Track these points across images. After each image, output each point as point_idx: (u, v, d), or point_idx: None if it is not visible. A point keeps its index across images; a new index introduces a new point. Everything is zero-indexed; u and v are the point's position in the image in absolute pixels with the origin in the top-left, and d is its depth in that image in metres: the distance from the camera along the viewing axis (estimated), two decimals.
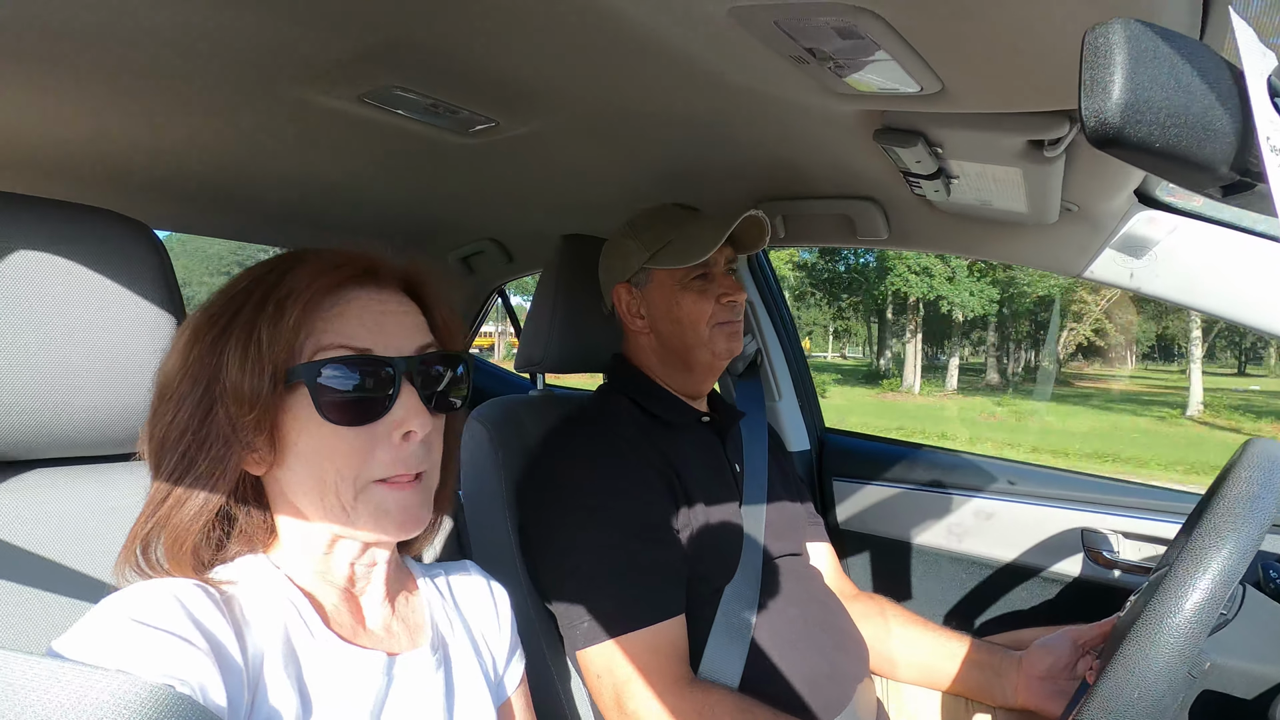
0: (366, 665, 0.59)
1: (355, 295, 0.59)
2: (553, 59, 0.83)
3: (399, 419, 0.57)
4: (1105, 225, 1.04)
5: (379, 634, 0.63)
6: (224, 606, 0.53)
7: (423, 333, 0.62)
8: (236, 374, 0.53)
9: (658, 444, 1.03)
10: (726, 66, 0.74)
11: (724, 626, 0.98)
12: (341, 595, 0.62)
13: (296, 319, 0.55)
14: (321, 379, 0.54)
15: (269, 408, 0.54)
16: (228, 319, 0.55)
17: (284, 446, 0.56)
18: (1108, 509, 1.33)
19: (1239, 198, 0.46)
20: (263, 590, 0.57)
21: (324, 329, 0.56)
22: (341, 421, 0.55)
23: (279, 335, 0.54)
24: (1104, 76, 0.35)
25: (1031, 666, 1.03)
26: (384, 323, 0.58)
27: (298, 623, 0.57)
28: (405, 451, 0.57)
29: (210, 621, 0.51)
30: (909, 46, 0.56)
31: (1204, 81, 0.39)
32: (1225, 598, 0.60)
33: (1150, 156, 0.38)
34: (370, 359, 0.56)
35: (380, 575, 0.64)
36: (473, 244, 1.96)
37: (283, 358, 0.54)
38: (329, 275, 0.57)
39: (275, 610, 0.56)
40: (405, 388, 0.57)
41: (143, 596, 0.50)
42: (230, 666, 0.50)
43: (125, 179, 1.22)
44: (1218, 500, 0.63)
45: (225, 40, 0.78)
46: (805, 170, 1.16)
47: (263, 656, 0.54)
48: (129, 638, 0.47)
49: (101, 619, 0.48)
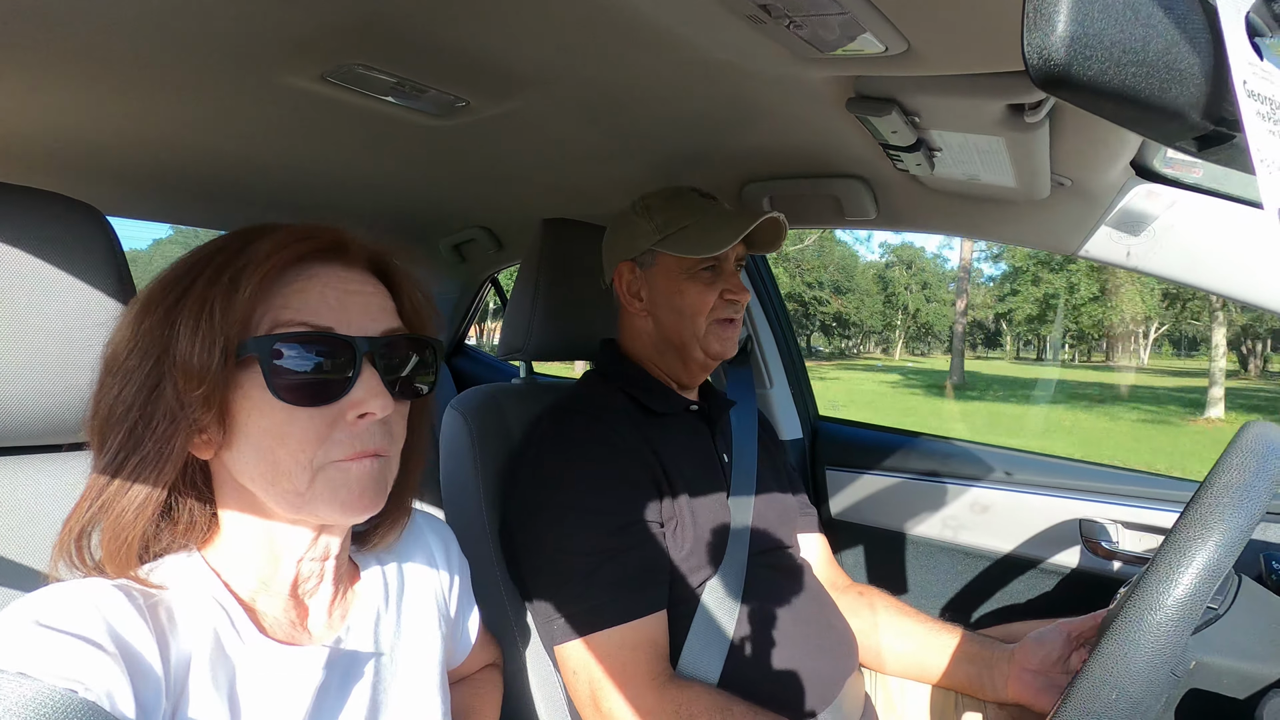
0: (302, 662, 0.56)
1: (319, 272, 0.56)
2: (521, 35, 0.80)
3: (357, 399, 0.54)
4: (1100, 200, 1.00)
5: (320, 631, 0.61)
6: (147, 612, 0.50)
7: (389, 316, 0.59)
8: (186, 346, 0.50)
9: (645, 435, 1.00)
10: (688, 31, 0.70)
11: (705, 622, 0.95)
12: (284, 598, 0.59)
13: (253, 291, 0.52)
14: (276, 357, 0.51)
15: (219, 384, 0.51)
16: (182, 290, 0.52)
17: (234, 427, 0.53)
18: (1107, 498, 1.29)
19: (1216, 151, 0.42)
20: (191, 594, 0.54)
21: (283, 305, 0.53)
22: (296, 402, 0.52)
23: (233, 307, 0.51)
24: (1048, 6, 0.31)
25: (1023, 660, 0.99)
26: (348, 302, 0.56)
27: (228, 628, 0.54)
28: (361, 428, 0.55)
29: (127, 627, 0.48)
30: (867, 2, 0.52)
31: (1167, 15, 0.35)
32: (1209, 593, 0.56)
33: (1105, 99, 0.34)
34: (330, 337, 0.53)
35: (330, 573, 0.62)
36: (463, 232, 1.93)
37: (236, 330, 0.51)
38: (291, 248, 0.54)
39: (204, 616, 0.54)
40: (366, 369, 0.54)
41: (54, 599, 0.48)
42: (145, 674, 0.48)
43: (79, 163, 1.20)
44: (1206, 489, 0.59)
45: (179, 19, 0.75)
46: (789, 149, 1.12)
47: (188, 664, 0.51)
48: (33, 641, 0.44)
49: (6, 622, 0.46)
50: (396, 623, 0.67)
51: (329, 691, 0.58)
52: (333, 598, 0.63)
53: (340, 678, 0.59)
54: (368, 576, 0.67)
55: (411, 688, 0.65)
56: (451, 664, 0.79)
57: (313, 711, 0.56)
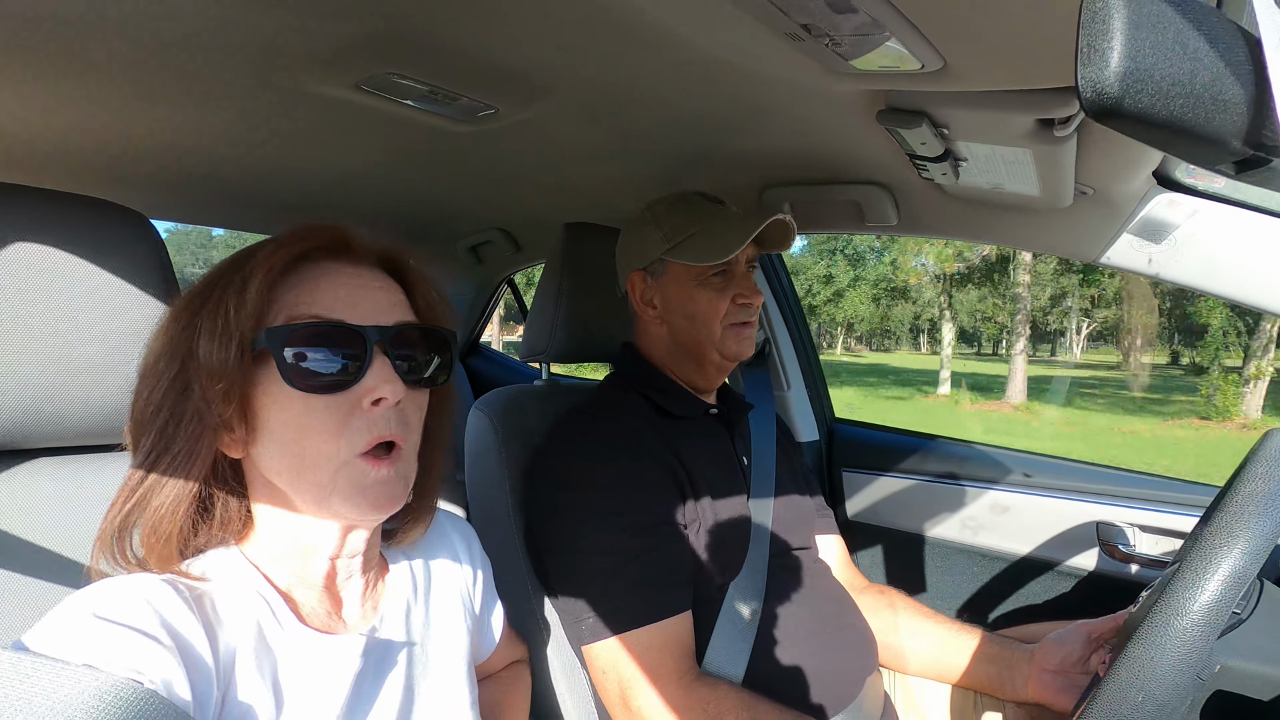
0: (342, 650, 0.58)
1: (328, 268, 0.58)
2: (549, 45, 0.81)
3: (370, 386, 0.56)
4: (1122, 209, 1.01)
5: (354, 621, 0.63)
6: (194, 604, 0.52)
7: (402, 310, 0.61)
8: (206, 346, 0.53)
9: (666, 438, 1.02)
10: (724, 49, 0.72)
11: (729, 621, 0.97)
12: (319, 590, 0.61)
13: (260, 287, 0.54)
14: (288, 346, 0.54)
15: (237, 378, 0.53)
16: (204, 298, 0.56)
17: (257, 424, 0.56)
18: (1124, 501, 1.30)
19: (1254, 174, 0.43)
20: (234, 586, 0.57)
21: (295, 300, 0.56)
22: (310, 389, 0.54)
23: (244, 304, 0.54)
24: (1101, 43, 0.33)
25: (1043, 660, 1.00)
26: (358, 295, 0.58)
27: (269, 618, 0.56)
28: (376, 415, 0.56)
29: (178, 619, 0.50)
30: (907, 21, 0.53)
31: (1213, 48, 0.36)
32: (1236, 599, 0.57)
33: (1154, 129, 0.35)
34: (340, 326, 0.55)
35: (360, 567, 0.64)
36: (480, 233, 1.95)
37: (249, 326, 0.54)
38: (292, 245, 0.57)
39: (247, 607, 0.56)
40: (378, 357, 0.56)
41: (108, 593, 0.50)
42: (198, 664, 0.50)
43: (123, 170, 1.23)
44: (1231, 496, 0.60)
45: (219, 30, 0.77)
46: (811, 155, 1.13)
47: (234, 654, 0.53)
48: (94, 634, 0.47)
49: (66, 616, 0.48)
50: (426, 615, 0.69)
51: (366, 678, 0.60)
52: (365, 589, 0.65)
53: (376, 665, 0.61)
54: (396, 570, 0.69)
55: (442, 677, 0.67)
56: (477, 659, 0.81)
57: (351, 698, 0.58)
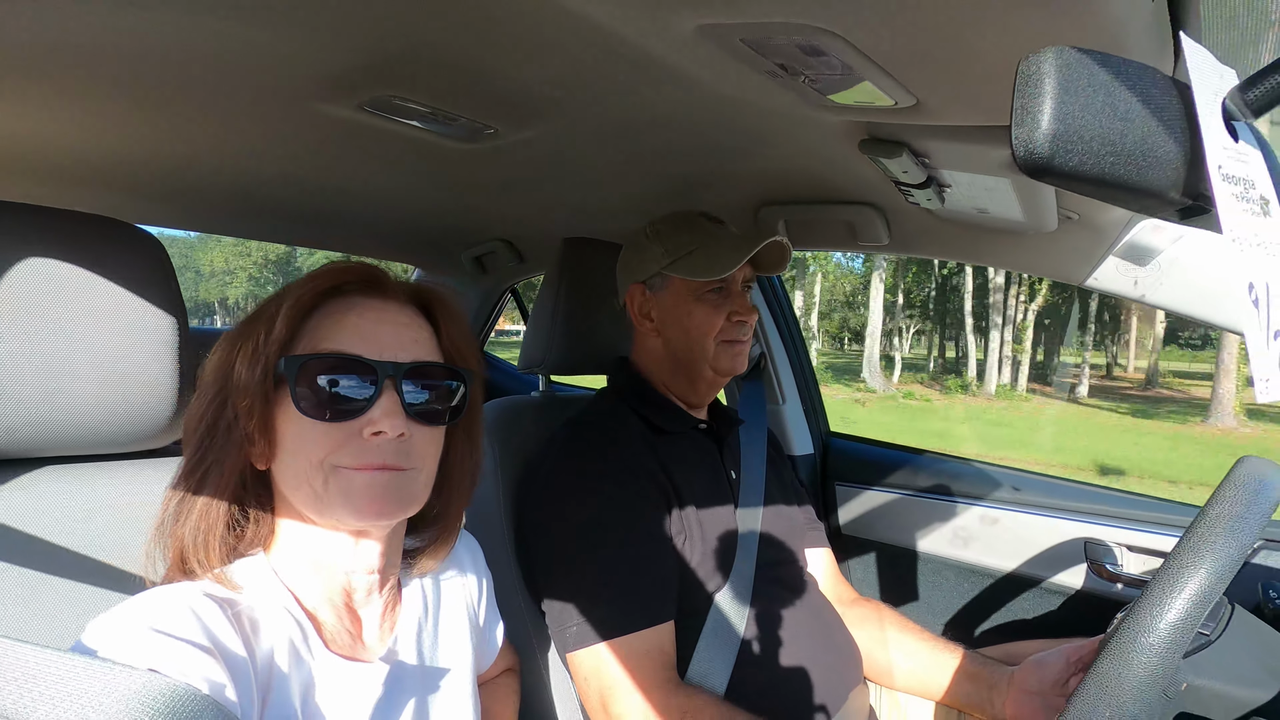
0: (365, 679, 0.61)
1: (358, 303, 0.62)
2: (545, 70, 0.84)
3: (372, 418, 0.59)
4: (1108, 233, 1.02)
5: (373, 644, 0.65)
6: (233, 620, 0.56)
7: (424, 348, 0.64)
8: (240, 367, 0.59)
9: (656, 451, 1.04)
10: (710, 79, 0.74)
11: (714, 632, 0.99)
12: (341, 609, 0.64)
13: (286, 318, 0.59)
14: (302, 374, 0.58)
15: (259, 397, 0.58)
16: (249, 323, 0.61)
17: (276, 440, 0.60)
18: (1112, 521, 1.31)
19: (1197, 220, 0.45)
20: (265, 601, 0.60)
21: (324, 335, 0.60)
22: (316, 417, 0.58)
23: (273, 332, 0.58)
24: (1033, 105, 0.35)
25: (1022, 681, 1.02)
26: (380, 331, 0.61)
27: (300, 640, 0.59)
28: (373, 444, 0.59)
29: (222, 633, 0.54)
30: (875, 64, 0.56)
31: (1145, 107, 0.38)
32: (1201, 618, 0.59)
33: (1087, 185, 0.38)
34: (353, 360, 0.59)
35: (377, 585, 0.66)
36: (484, 244, 1.98)
37: (274, 352, 0.58)
38: (325, 280, 0.62)
39: (279, 625, 0.59)
40: (387, 392, 0.59)
41: (157, 605, 0.53)
42: (241, 676, 0.53)
43: (133, 187, 1.27)
44: (1200, 518, 0.62)
45: (224, 56, 0.80)
46: (804, 177, 1.15)
47: (270, 670, 0.56)
48: (151, 643, 0.50)
49: (123, 627, 0.51)
50: (435, 632, 0.71)
51: (382, 704, 0.62)
52: (384, 611, 0.67)
53: (391, 688, 0.64)
54: (409, 590, 0.71)
55: (450, 693, 0.70)
56: (478, 670, 0.83)
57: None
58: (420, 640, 0.69)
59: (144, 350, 0.71)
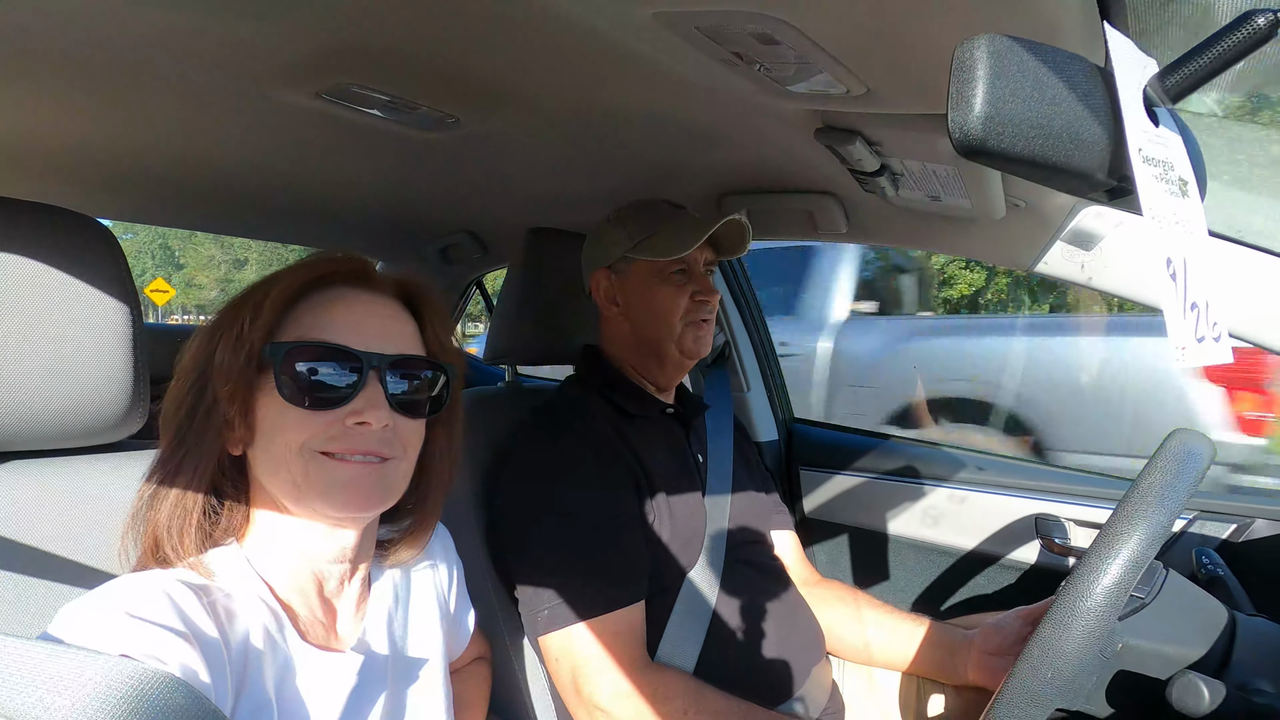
0: (339, 669, 0.61)
1: (345, 294, 0.62)
2: (506, 58, 0.84)
3: (357, 408, 0.59)
4: (1053, 219, 1.06)
5: (347, 634, 0.65)
6: (209, 607, 0.55)
7: (409, 341, 0.64)
8: (221, 354, 0.59)
9: (624, 437, 1.06)
10: (669, 68, 0.75)
11: (684, 612, 1.01)
12: (315, 599, 0.64)
13: (273, 305, 0.59)
14: (286, 361, 0.58)
15: (241, 382, 0.58)
16: (232, 310, 0.61)
17: (255, 425, 0.60)
18: (1061, 497, 1.36)
19: (1124, 202, 0.48)
20: (239, 590, 0.59)
21: (311, 323, 0.60)
22: (301, 405, 0.58)
23: (258, 318, 0.59)
24: (967, 90, 0.37)
25: (983, 644, 1.06)
26: (366, 323, 0.62)
27: (274, 626, 0.59)
28: (356, 433, 0.60)
29: (198, 619, 0.53)
30: (826, 52, 0.58)
31: (1072, 92, 0.41)
32: (1134, 582, 0.62)
33: (1018, 165, 0.40)
34: (339, 350, 0.59)
35: (350, 576, 0.66)
36: (448, 236, 1.97)
37: (259, 338, 0.58)
38: (313, 270, 0.62)
39: (254, 614, 0.59)
40: (371, 383, 0.60)
41: (131, 591, 0.53)
42: (216, 662, 0.52)
43: (83, 173, 1.23)
44: (1133, 490, 0.65)
45: (178, 41, 0.79)
46: (764, 166, 1.17)
47: (244, 658, 0.56)
48: (124, 628, 0.49)
49: (95, 612, 0.50)
50: (405, 621, 0.72)
51: (355, 693, 0.63)
52: (357, 601, 0.67)
53: (365, 678, 0.64)
54: (380, 579, 0.72)
55: (422, 684, 0.70)
56: (450, 658, 0.84)
57: (343, 713, 0.61)
58: (391, 629, 0.69)
59: (96, 342, 0.69)
